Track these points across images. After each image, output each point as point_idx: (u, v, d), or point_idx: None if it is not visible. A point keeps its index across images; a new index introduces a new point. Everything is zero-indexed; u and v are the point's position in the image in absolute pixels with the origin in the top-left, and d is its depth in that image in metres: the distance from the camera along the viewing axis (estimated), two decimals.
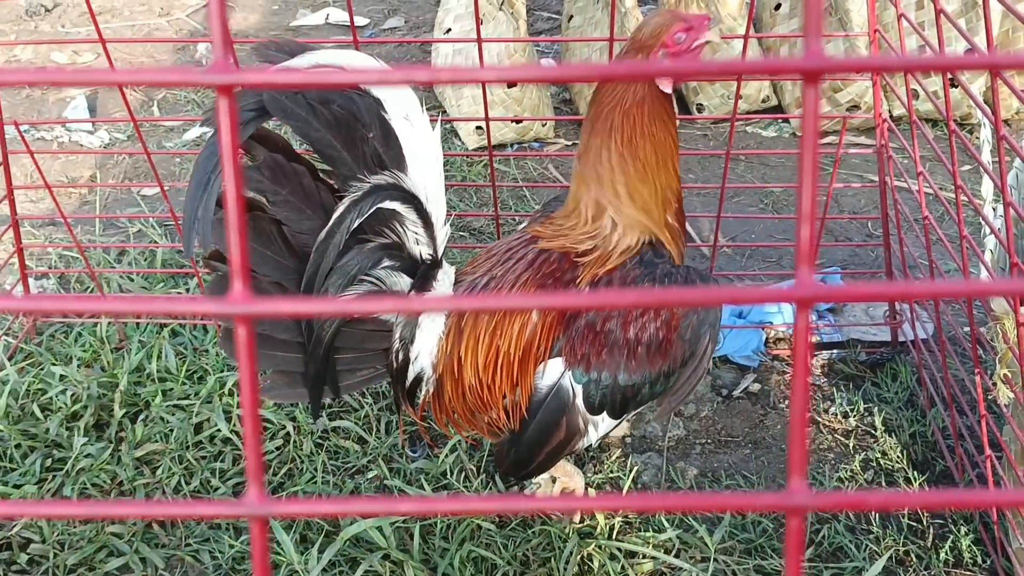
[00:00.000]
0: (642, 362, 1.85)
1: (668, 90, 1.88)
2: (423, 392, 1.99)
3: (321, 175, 1.81)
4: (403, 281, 1.86)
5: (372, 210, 1.74)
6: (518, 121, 3.81)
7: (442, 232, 1.88)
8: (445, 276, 1.93)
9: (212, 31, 0.46)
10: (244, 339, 0.48)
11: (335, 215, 1.74)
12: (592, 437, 1.93)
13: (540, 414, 1.90)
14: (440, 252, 1.91)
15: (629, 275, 1.86)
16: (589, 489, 2.33)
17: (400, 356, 1.92)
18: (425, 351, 1.94)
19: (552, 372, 1.90)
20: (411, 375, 1.95)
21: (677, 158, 1.95)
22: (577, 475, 2.30)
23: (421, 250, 1.88)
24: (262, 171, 1.72)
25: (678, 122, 1.96)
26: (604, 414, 1.90)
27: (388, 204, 1.78)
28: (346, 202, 1.75)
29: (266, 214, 1.76)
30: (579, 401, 1.89)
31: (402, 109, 1.76)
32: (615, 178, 1.88)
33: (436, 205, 1.84)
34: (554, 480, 2.29)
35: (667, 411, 1.99)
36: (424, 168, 1.79)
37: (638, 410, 1.96)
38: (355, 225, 1.74)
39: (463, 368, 1.93)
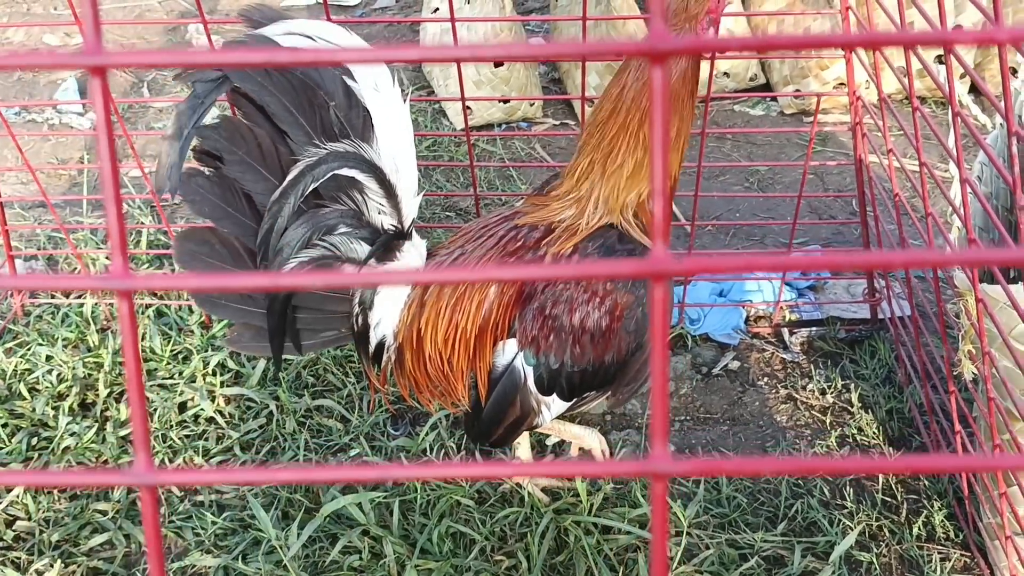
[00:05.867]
0: (586, 349, 1.84)
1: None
2: (385, 359, 2.01)
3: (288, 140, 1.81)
4: (361, 248, 1.86)
5: (327, 176, 1.75)
6: (505, 101, 3.82)
7: (410, 204, 1.88)
8: (413, 248, 1.94)
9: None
10: (126, 314, 0.50)
11: (288, 177, 1.75)
12: (546, 417, 1.95)
13: (496, 391, 1.91)
14: (407, 224, 1.91)
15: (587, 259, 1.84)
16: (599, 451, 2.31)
17: (360, 320, 1.94)
18: (387, 319, 1.96)
19: (508, 352, 1.91)
20: (373, 341, 1.97)
21: (682, 146, 1.83)
22: (589, 434, 2.26)
23: (383, 220, 1.88)
24: (219, 131, 1.73)
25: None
26: (555, 396, 1.91)
27: (346, 171, 1.78)
28: (300, 166, 1.75)
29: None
30: (530, 383, 1.90)
31: (371, 79, 1.76)
32: (605, 128, 1.78)
33: (405, 177, 1.83)
34: (549, 445, 2.31)
35: (620, 401, 1.99)
36: (392, 139, 1.79)
37: (591, 396, 1.96)
38: (310, 189, 1.75)
39: (423, 340, 1.94)
